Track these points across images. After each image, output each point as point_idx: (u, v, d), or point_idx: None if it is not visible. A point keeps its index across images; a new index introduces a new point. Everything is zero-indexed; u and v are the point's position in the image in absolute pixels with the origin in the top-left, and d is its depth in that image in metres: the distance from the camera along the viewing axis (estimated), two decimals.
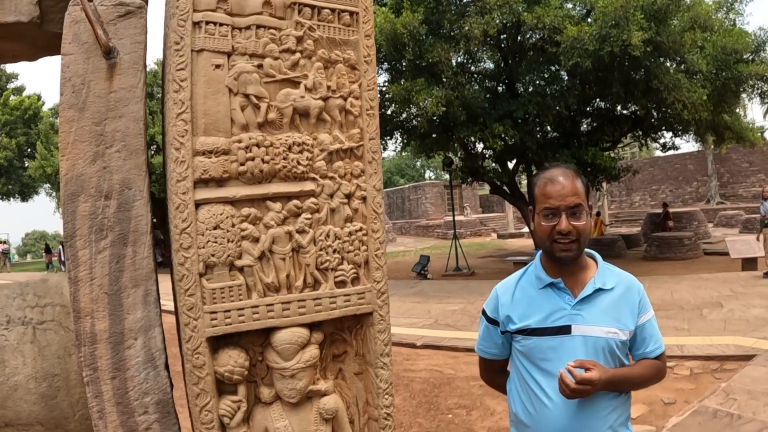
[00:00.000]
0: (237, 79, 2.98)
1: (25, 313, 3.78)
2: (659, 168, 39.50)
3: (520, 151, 19.98)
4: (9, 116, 40.26)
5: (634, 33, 14.39)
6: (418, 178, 73.85)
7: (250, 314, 3.01)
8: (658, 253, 21.21)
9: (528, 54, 18.92)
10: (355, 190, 3.25)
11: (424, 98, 15.94)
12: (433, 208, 47.11)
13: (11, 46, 3.67)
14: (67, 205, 3.04)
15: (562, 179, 2.36)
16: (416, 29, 15.85)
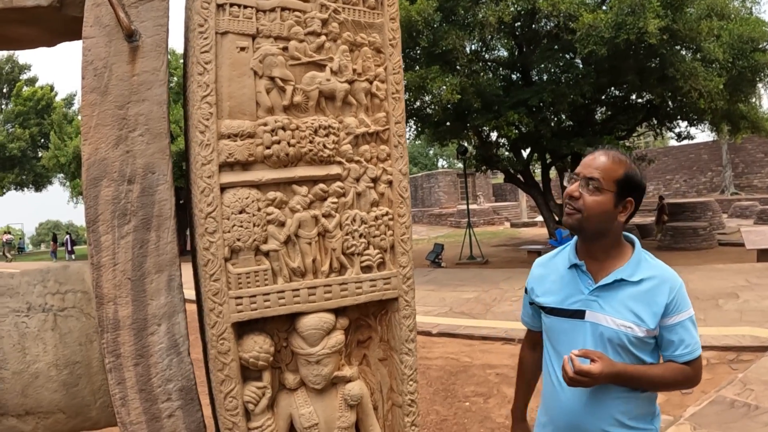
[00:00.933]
0: (262, 62, 2.94)
1: (46, 300, 3.76)
2: (673, 157, 39.22)
3: (534, 140, 19.87)
4: (22, 107, 40.40)
5: (650, 21, 14.24)
6: (431, 166, 73.69)
7: (275, 299, 2.97)
8: (673, 243, 21.05)
9: (543, 41, 18.79)
10: (381, 174, 3.20)
11: (439, 86, 15.86)
12: (446, 196, 47.00)
13: (29, 31, 3.63)
14: (89, 190, 2.99)
15: (598, 153, 2.35)
16: (431, 16, 15.77)
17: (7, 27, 3.53)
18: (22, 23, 3.49)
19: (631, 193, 2.33)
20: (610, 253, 2.40)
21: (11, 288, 3.78)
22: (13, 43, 3.84)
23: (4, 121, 42.26)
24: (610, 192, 2.29)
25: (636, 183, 2.34)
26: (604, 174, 2.28)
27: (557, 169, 21.57)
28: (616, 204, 2.31)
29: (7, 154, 39.65)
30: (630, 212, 2.36)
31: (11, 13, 3.31)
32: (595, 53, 15.24)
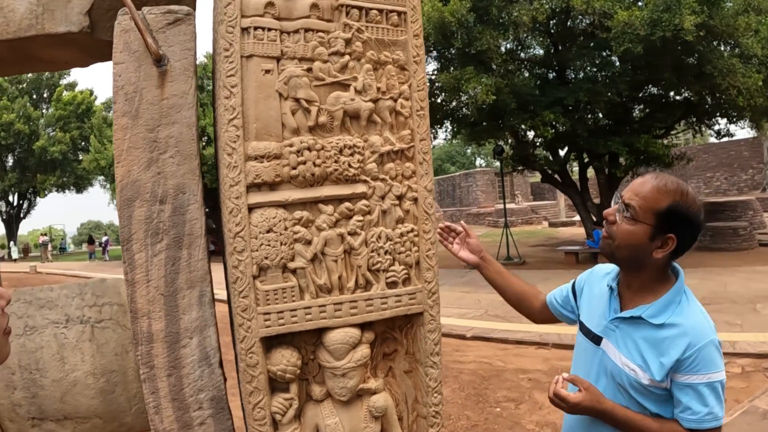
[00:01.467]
0: (287, 84, 3.00)
1: (84, 312, 3.91)
2: (713, 155, 38.48)
3: (570, 139, 19.69)
4: (63, 111, 41.27)
5: (686, 17, 14.03)
6: (469, 165, 73.35)
7: (302, 315, 3.04)
8: (711, 243, 20.57)
9: (578, 39, 18.61)
10: (406, 191, 3.24)
11: (474, 87, 15.82)
12: (484, 195, 46.74)
13: (64, 54, 3.77)
14: (123, 210, 3.12)
15: (648, 178, 2.15)
16: (464, 17, 15.73)
17: (42, 50, 3.68)
18: (56, 47, 3.65)
19: (674, 229, 2.08)
20: (645, 285, 2.21)
21: (51, 301, 3.93)
22: (49, 64, 4.00)
23: (45, 125, 43.23)
24: (645, 224, 2.09)
25: (683, 218, 2.08)
26: (643, 203, 2.09)
27: (594, 168, 21.32)
28: (652, 237, 2.10)
29: (48, 157, 40.56)
30: (670, 249, 2.11)
31: (45, 38, 3.46)
32: (630, 51, 15.06)
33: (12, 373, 3.79)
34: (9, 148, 41.04)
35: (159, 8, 3.15)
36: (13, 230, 46.83)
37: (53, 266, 32.34)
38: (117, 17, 3.14)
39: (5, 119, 39.09)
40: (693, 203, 2.09)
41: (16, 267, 33.03)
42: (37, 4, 3.47)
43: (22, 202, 46.74)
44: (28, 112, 40.86)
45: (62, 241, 55.48)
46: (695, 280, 14.07)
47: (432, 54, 19.16)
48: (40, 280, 25.81)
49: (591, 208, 20.74)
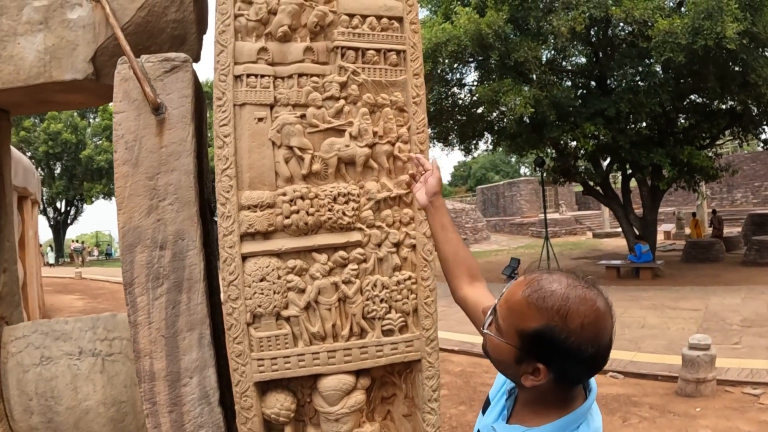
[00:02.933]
0: (280, 132, 3.01)
1: (95, 346, 3.99)
2: (762, 163, 37.34)
3: (612, 150, 19.36)
4: (109, 121, 42.03)
5: (728, 25, 13.67)
6: (513, 174, 72.72)
7: (296, 362, 3.05)
8: (758, 258, 19.71)
9: (619, 48, 18.31)
10: (404, 238, 3.22)
11: (512, 99, 15.67)
12: (528, 205, 46.24)
13: (75, 97, 3.87)
14: (125, 255, 3.18)
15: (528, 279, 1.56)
16: (501, 28, 15.60)
17: (54, 95, 3.79)
18: (66, 92, 3.73)
19: (544, 359, 1.48)
20: (533, 403, 1.63)
21: (65, 333, 4.02)
22: (64, 105, 4.10)
23: (92, 135, 44.25)
24: (508, 344, 1.54)
25: (556, 348, 1.45)
26: (507, 316, 1.55)
27: (637, 180, 20.92)
28: (518, 361, 1.53)
29: (95, 165, 41.46)
30: (541, 381, 1.50)
31: (54, 85, 3.55)
32: (672, 60, 14.76)
33: (30, 399, 3.90)
34: (57, 157, 42.08)
35: (156, 56, 3.20)
36: (60, 236, 48.05)
37: (97, 272, 33.03)
38: (117, 66, 3.19)
39: (53, 129, 40.11)
40: (579, 330, 1.43)
41: (61, 272, 33.84)
42: (45, 52, 3.55)
43: (69, 209, 47.86)
44: (75, 122, 41.85)
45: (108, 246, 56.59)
46: (737, 299, 13.68)
47: (471, 64, 19.07)
48: (84, 286, 26.37)
49: (633, 221, 20.35)
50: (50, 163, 42.84)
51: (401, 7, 3.29)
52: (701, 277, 17.56)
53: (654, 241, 20.59)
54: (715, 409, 7.47)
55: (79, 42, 3.59)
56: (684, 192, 26.33)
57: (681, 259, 22.19)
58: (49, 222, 47.06)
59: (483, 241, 37.77)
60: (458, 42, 15.98)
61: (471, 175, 74.88)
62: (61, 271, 34.84)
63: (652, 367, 9.22)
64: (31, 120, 41.08)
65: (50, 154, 41.23)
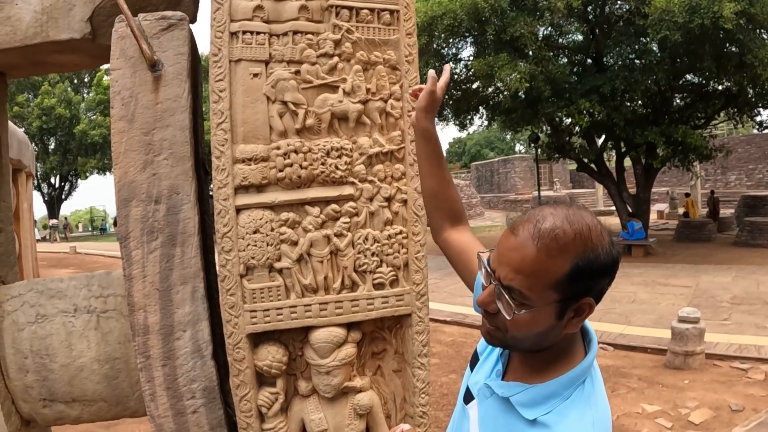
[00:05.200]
0: (274, 87, 3.04)
1: (90, 303, 4.03)
2: (756, 146, 37.41)
3: (607, 128, 19.39)
4: (103, 96, 41.89)
5: (725, 4, 13.69)
6: (508, 151, 72.53)
7: (288, 314, 3.11)
8: (750, 239, 19.90)
9: (616, 26, 18.27)
10: (395, 193, 3.26)
11: (508, 74, 15.65)
12: (522, 182, 46.33)
13: (71, 58, 3.88)
14: (120, 210, 3.22)
15: (526, 235, 1.39)
16: (497, 3, 15.55)
17: (49, 56, 3.80)
18: (62, 52, 3.75)
19: (588, 290, 1.41)
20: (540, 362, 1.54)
21: (60, 291, 4.06)
22: (59, 67, 4.11)
23: (86, 109, 44.07)
24: (546, 306, 1.40)
25: (597, 271, 1.39)
26: (532, 281, 1.37)
27: (631, 158, 20.96)
28: (561, 315, 1.42)
29: (89, 140, 41.31)
30: (590, 314, 1.44)
31: (50, 45, 3.57)
32: (668, 38, 14.76)
33: (24, 357, 3.94)
34: (50, 132, 41.90)
35: (153, 15, 3.22)
36: (55, 211, 47.98)
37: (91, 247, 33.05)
38: (114, 24, 3.22)
39: (47, 104, 39.94)
40: (600, 241, 1.40)
41: (57, 247, 33.82)
42: (42, 12, 3.56)
43: (63, 184, 47.78)
44: (68, 96, 41.68)
45: (102, 221, 56.53)
46: (728, 278, 13.82)
47: (468, 39, 19.01)
48: (78, 260, 26.41)
49: (627, 199, 20.44)
50: (44, 138, 42.66)
51: None
52: (693, 256, 17.70)
53: (647, 219, 20.70)
54: (703, 381, 7.60)
55: (76, 2, 3.60)
56: (678, 172, 26.45)
57: (673, 238, 22.35)
58: (43, 197, 46.93)
59: (477, 217, 38.02)
60: (454, 16, 15.94)
61: (466, 152, 74.80)
62: (55, 246, 34.83)
63: (641, 340, 9.36)
64: (25, 95, 40.87)
65: (44, 129, 41.03)
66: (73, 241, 39.29)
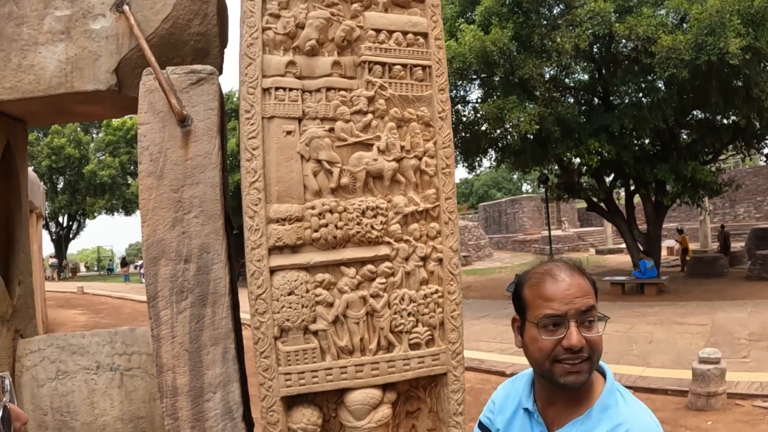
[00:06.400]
0: (308, 145, 3.00)
1: (114, 360, 3.96)
2: (764, 177, 37.33)
3: (616, 166, 19.39)
4: (112, 136, 42.30)
5: (731, 40, 13.74)
6: (515, 191, 72.58)
7: (323, 376, 3.03)
8: (762, 272, 19.66)
9: (622, 65, 18.37)
10: (431, 252, 3.20)
11: (517, 116, 15.69)
12: (530, 222, 46.18)
13: (95, 108, 3.87)
14: (149, 268, 3.16)
15: (565, 275, 1.69)
16: (506, 45, 15.64)
17: (73, 106, 3.79)
18: (87, 103, 3.75)
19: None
20: (578, 394, 1.73)
21: (82, 347, 4.00)
22: (82, 116, 4.11)
23: (95, 150, 44.37)
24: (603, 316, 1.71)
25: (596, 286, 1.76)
26: (593, 297, 1.70)
27: (641, 196, 20.91)
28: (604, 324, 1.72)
29: (98, 180, 41.55)
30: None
31: (75, 95, 3.56)
32: (675, 76, 14.81)
33: (44, 414, 3.87)
34: (60, 171, 42.15)
35: (182, 68, 3.20)
36: (62, 250, 48.05)
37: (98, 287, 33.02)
38: (142, 77, 3.19)
39: (56, 143, 40.21)
40: None
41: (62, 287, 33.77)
42: (66, 62, 3.56)
43: (71, 223, 47.92)
44: (78, 136, 42.00)
45: (110, 262, 56.59)
46: (743, 313, 13.66)
47: (475, 82, 19.12)
48: (86, 301, 26.35)
49: (638, 237, 20.34)
50: (53, 177, 42.93)
51: (426, 23, 3.31)
52: (707, 292, 17.54)
53: (658, 257, 20.57)
54: (726, 422, 7.45)
55: (102, 53, 3.60)
56: (687, 208, 26.34)
57: (685, 275, 22.16)
58: (51, 236, 47.05)
59: (486, 258, 37.75)
60: (463, 59, 16.04)
61: (473, 192, 74.95)
62: (62, 286, 34.80)
63: (661, 382, 9.19)
64: (35, 134, 41.17)
65: (53, 169, 41.32)
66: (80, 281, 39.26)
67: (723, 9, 13.94)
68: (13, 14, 3.61)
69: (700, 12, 14.47)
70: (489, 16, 16.34)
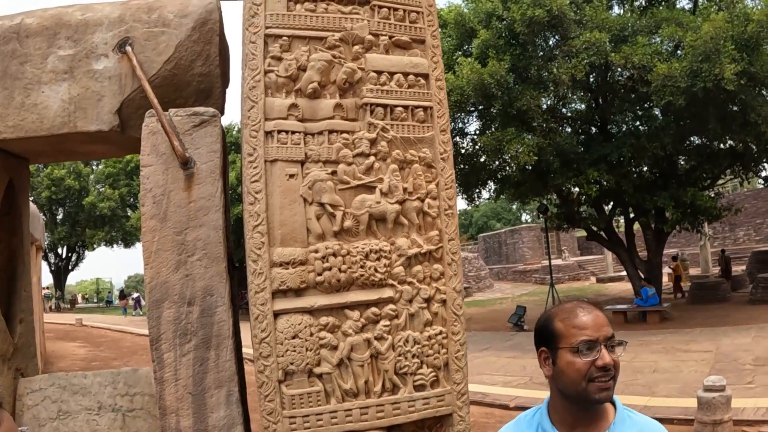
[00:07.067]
0: (311, 188, 3.02)
1: (116, 401, 3.93)
2: (763, 200, 37.35)
3: (616, 195, 19.39)
4: (112, 168, 42.30)
5: (726, 66, 13.81)
6: (515, 221, 72.42)
7: (328, 419, 3.01)
8: (765, 295, 19.44)
9: (619, 93, 18.47)
10: (434, 293, 3.21)
11: (516, 147, 15.72)
12: (531, 252, 46.03)
13: (98, 148, 3.90)
14: (152, 311, 3.16)
15: (590, 309, 2.00)
16: (503, 78, 15.73)
17: (76, 145, 3.81)
18: (90, 142, 3.76)
19: None
20: (598, 413, 2.00)
21: (84, 387, 3.97)
22: (84, 156, 4.12)
23: (95, 182, 44.39)
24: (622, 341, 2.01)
25: None
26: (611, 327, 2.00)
27: (641, 223, 20.90)
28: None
29: (97, 213, 41.47)
30: None
31: (78, 135, 3.57)
32: (672, 103, 14.88)
33: None
34: (59, 203, 42.13)
35: (185, 110, 3.23)
36: (61, 281, 47.89)
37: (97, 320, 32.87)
38: (144, 119, 3.22)
39: (56, 175, 40.23)
40: None
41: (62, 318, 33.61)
42: (69, 102, 3.58)
43: (70, 255, 47.80)
44: (78, 168, 42.01)
45: (108, 294, 56.40)
46: (748, 338, 13.57)
47: (473, 114, 19.21)
48: (85, 333, 26.19)
49: (639, 264, 20.29)
50: (53, 208, 42.90)
51: (427, 64, 3.34)
52: (710, 318, 17.44)
53: (660, 284, 20.50)
54: None
55: (105, 93, 3.63)
56: (687, 233, 26.31)
57: (687, 301, 22.05)
58: (50, 267, 46.91)
59: (486, 289, 37.53)
60: (461, 92, 16.12)
61: (472, 224, 74.84)
62: (60, 317, 34.63)
63: (667, 411, 9.09)
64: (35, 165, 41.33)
65: (53, 200, 41.30)
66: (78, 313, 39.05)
67: (717, 35, 14.03)
68: (17, 52, 3.64)
69: (694, 39, 14.56)
70: (486, 48, 16.45)
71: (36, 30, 3.67)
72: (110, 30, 3.68)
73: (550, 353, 2.00)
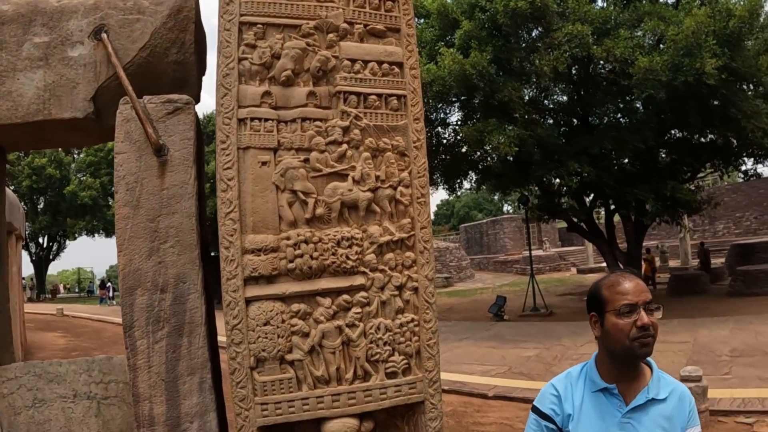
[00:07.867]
0: (284, 176, 3.02)
1: (91, 389, 3.93)
2: (743, 194, 37.75)
3: (596, 187, 19.47)
4: (93, 157, 41.92)
5: (707, 60, 13.89)
6: (496, 212, 72.60)
7: (300, 405, 3.03)
8: (744, 288, 19.71)
9: (601, 86, 18.53)
10: (406, 281, 3.23)
11: (497, 138, 15.74)
12: (512, 242, 46.23)
13: (72, 137, 3.88)
14: (125, 298, 3.16)
15: (631, 278, 2.28)
16: (485, 69, 15.74)
17: (51, 133, 3.78)
18: (66, 131, 3.73)
19: None
20: (638, 370, 2.31)
21: (59, 375, 3.96)
22: (60, 144, 4.11)
23: (76, 170, 44.01)
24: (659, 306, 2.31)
25: None
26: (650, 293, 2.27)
27: (621, 216, 21.03)
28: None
29: (78, 202, 41.12)
30: None
31: (52, 123, 3.55)
32: (653, 97, 14.96)
33: None
34: (40, 192, 41.70)
35: (159, 97, 3.22)
36: (42, 271, 47.52)
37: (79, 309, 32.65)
38: (119, 106, 3.21)
39: (37, 164, 39.83)
40: None
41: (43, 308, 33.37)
42: (44, 89, 3.56)
43: (51, 245, 47.44)
44: (59, 157, 41.64)
45: (90, 284, 56.04)
46: (725, 330, 13.71)
47: (455, 104, 19.21)
48: (66, 323, 26.02)
49: (619, 256, 20.43)
50: (33, 197, 42.47)
51: (401, 53, 3.35)
52: (688, 309, 17.58)
53: (639, 275, 20.61)
54: None
55: (80, 80, 3.61)
56: (667, 226, 26.51)
57: (666, 293, 22.23)
58: (31, 257, 46.52)
59: (467, 279, 37.65)
60: (443, 83, 16.11)
61: (454, 214, 74.96)
62: (41, 308, 34.36)
63: None
64: (15, 153, 40.90)
65: (34, 189, 40.85)
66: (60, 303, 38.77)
67: (699, 30, 14.10)
68: None
69: (676, 33, 14.63)
70: (468, 39, 16.43)
71: (11, 17, 3.64)
72: (86, 17, 3.66)
73: (599, 317, 2.29)
